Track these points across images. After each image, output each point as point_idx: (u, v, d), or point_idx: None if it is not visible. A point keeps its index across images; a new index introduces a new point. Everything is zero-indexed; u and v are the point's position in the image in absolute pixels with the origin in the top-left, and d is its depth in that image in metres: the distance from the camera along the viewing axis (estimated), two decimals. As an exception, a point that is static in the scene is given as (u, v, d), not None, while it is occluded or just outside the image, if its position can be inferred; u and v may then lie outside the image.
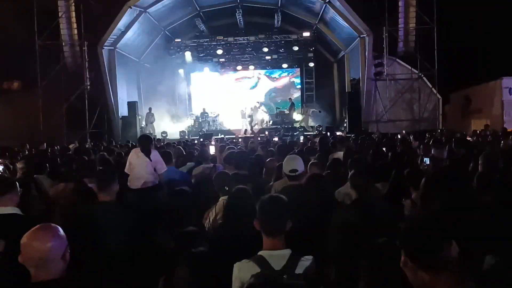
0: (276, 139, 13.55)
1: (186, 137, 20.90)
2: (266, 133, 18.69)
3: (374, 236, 2.88)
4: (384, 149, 7.92)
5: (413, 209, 3.75)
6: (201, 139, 17.02)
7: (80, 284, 2.48)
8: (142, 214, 3.87)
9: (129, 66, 21.77)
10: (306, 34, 24.39)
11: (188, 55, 24.83)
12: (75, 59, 20.12)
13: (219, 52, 25.03)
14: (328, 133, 17.85)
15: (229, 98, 25.70)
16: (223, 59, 25.59)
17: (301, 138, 14.34)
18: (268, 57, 25.45)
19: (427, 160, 5.90)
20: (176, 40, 24.66)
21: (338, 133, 18.15)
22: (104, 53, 19.42)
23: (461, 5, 19.81)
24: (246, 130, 22.03)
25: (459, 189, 3.71)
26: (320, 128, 21.29)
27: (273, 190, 4.70)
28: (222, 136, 19.87)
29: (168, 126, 22.68)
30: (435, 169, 5.40)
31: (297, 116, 23.91)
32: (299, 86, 26.49)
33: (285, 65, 26.19)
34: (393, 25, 19.94)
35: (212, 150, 7.86)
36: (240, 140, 14.18)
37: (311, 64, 25.78)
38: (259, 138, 14.05)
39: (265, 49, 24.94)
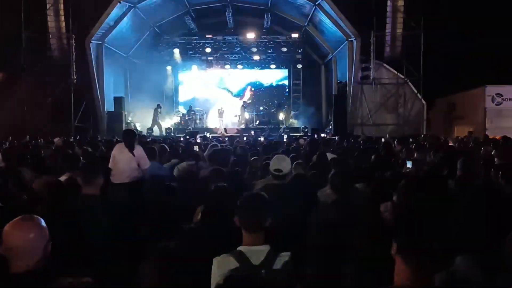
0: (261, 139, 13.61)
1: (172, 134, 20.88)
2: (252, 132, 18.74)
3: (353, 236, 2.95)
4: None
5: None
6: (187, 137, 17.03)
7: (59, 276, 2.49)
8: (126, 208, 3.89)
9: (117, 61, 21.63)
10: (295, 35, 24.46)
11: (176, 52, 24.78)
12: (62, 52, 19.94)
13: (208, 50, 25.01)
14: (315, 135, 17.99)
15: (217, 96, 25.76)
16: (211, 58, 25.57)
17: (285, 137, 14.38)
18: (256, 57, 25.49)
19: (409, 164, 6.02)
20: (165, 37, 24.60)
21: (323, 135, 18.30)
22: (92, 47, 19.26)
23: (448, 12, 20.12)
24: (225, 129, 21.96)
25: (437, 192, 3.80)
26: (306, 129, 21.42)
27: (255, 189, 4.75)
28: (208, 134, 19.86)
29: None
30: (417, 172, 5.51)
31: (282, 117, 24.03)
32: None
33: (273, 66, 26.30)
34: (381, 30, 20.15)
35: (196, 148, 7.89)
36: (226, 138, 14.21)
37: (299, 66, 25.93)
38: (244, 138, 14.09)
39: (254, 49, 24.98)
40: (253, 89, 26.30)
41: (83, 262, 2.96)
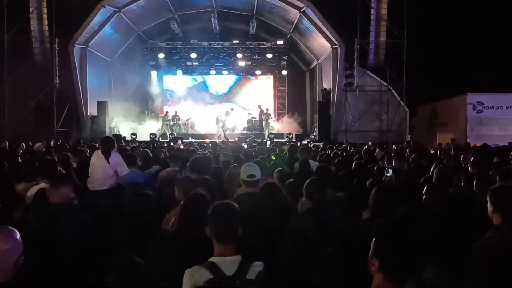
0: (245, 146, 13.57)
1: (156, 139, 20.76)
2: (236, 139, 18.70)
3: (327, 245, 2.97)
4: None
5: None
6: (171, 143, 16.93)
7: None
8: (98, 216, 3.85)
9: (101, 66, 21.49)
10: (280, 42, 24.61)
11: (161, 57, 24.71)
12: (45, 55, 19.77)
13: (193, 55, 24.93)
14: (298, 142, 18.03)
15: (201, 102, 25.73)
16: (196, 63, 25.53)
17: (268, 143, 14.35)
18: (241, 63, 25.51)
19: (390, 172, 6.01)
20: (149, 42, 24.52)
21: (304, 142, 18.36)
22: (76, 52, 19.12)
23: (431, 22, 20.45)
24: (220, 135, 21.96)
25: (411, 200, 3.84)
26: (291, 136, 21.49)
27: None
28: (192, 139, 19.81)
29: (138, 127, 22.48)
30: (397, 180, 5.53)
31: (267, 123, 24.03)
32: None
33: (258, 72, 26.35)
34: (365, 38, 20.37)
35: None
36: (210, 145, 14.15)
37: (284, 72, 26.06)
38: (229, 144, 14.06)
39: (239, 55, 24.97)
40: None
41: (48, 271, 2.92)
